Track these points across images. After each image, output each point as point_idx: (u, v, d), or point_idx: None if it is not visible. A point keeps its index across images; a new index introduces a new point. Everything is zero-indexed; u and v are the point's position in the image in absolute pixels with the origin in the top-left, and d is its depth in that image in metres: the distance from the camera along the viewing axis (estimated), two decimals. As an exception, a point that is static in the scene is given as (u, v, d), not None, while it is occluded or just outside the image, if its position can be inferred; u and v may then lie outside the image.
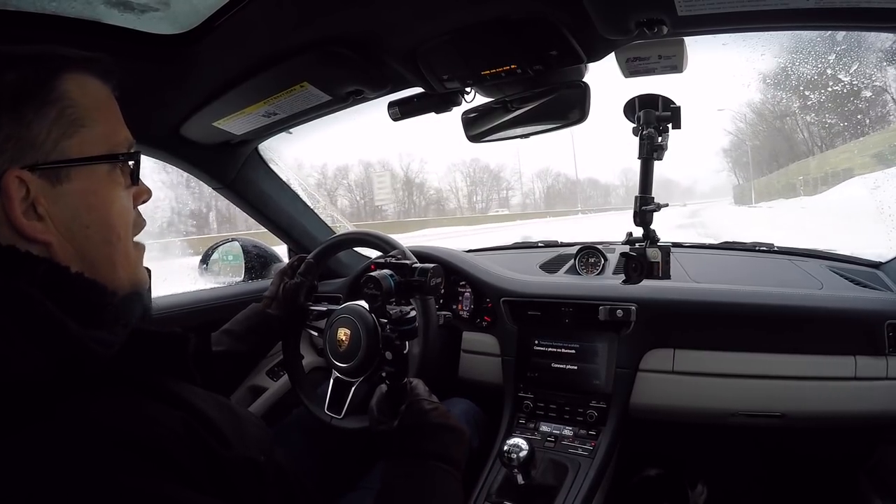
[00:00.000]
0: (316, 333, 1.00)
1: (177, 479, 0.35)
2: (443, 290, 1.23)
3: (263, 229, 1.41)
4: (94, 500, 0.31)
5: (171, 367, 0.44)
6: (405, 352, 0.66)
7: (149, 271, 0.51)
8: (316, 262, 1.00)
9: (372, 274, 0.64)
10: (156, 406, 0.38)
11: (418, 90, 0.96)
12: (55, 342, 0.36)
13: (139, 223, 0.49)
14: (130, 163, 0.47)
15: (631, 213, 0.79)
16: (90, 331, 0.38)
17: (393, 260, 0.68)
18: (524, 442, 0.84)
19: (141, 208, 0.51)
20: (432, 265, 0.66)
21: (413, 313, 0.65)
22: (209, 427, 0.42)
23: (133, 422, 0.36)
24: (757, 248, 1.29)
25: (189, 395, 0.43)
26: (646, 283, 0.82)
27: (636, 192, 0.81)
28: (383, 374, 0.65)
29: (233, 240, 1.49)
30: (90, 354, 0.37)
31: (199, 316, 1.19)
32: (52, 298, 0.37)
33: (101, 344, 0.38)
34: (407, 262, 0.68)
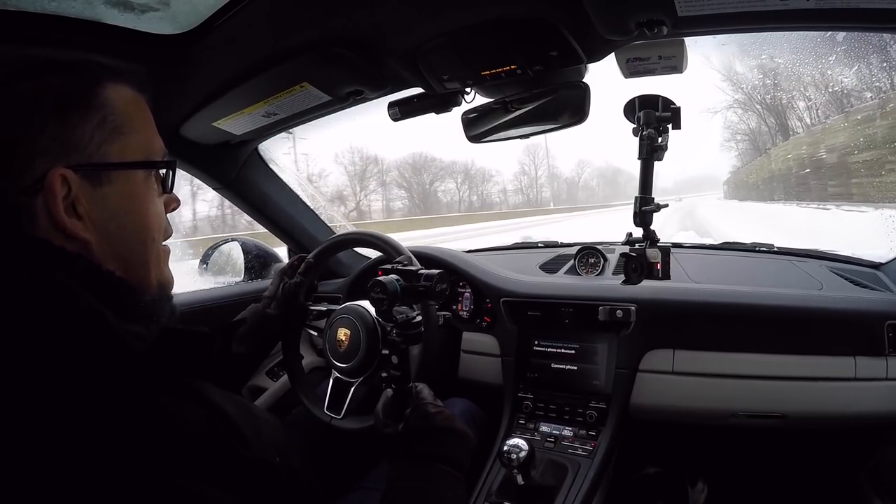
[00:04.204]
0: (316, 333, 1.00)
1: (197, 474, 0.36)
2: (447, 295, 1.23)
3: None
4: (115, 491, 0.31)
5: (195, 366, 0.45)
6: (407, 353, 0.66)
7: None
8: (316, 262, 1.00)
9: (379, 278, 0.64)
10: (180, 403, 0.40)
11: (418, 90, 0.96)
12: (93, 333, 0.37)
13: (167, 231, 0.50)
14: (163, 171, 0.49)
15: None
16: (127, 324, 0.39)
17: (399, 266, 0.69)
18: (524, 442, 0.84)
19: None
20: (438, 271, 0.67)
21: (419, 318, 0.66)
22: (230, 426, 0.43)
23: (157, 417, 0.37)
24: (757, 249, 1.29)
25: (211, 394, 0.45)
26: (645, 283, 0.82)
27: (636, 193, 0.81)
28: (385, 376, 0.66)
29: (232, 240, 1.49)
30: (127, 346, 0.38)
31: (199, 316, 1.19)
32: (91, 292, 0.38)
33: (137, 337, 0.39)
34: (413, 267, 0.69)
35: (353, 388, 0.88)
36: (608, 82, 0.85)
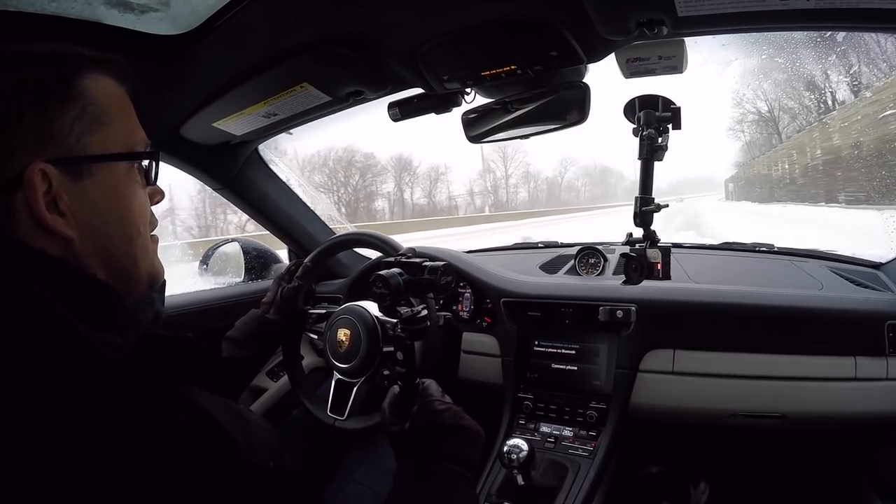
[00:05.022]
0: (316, 337, 1.00)
1: (182, 483, 0.35)
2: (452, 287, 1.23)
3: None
4: (96, 503, 0.31)
5: (181, 372, 0.44)
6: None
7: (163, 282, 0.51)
8: (313, 266, 1.00)
9: (381, 273, 0.62)
10: (164, 411, 0.39)
11: (418, 90, 0.96)
12: (62, 344, 0.35)
13: (153, 222, 0.49)
14: (145, 163, 0.47)
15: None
16: (101, 334, 0.38)
17: (403, 259, 0.67)
18: (524, 442, 0.84)
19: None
20: (442, 263, 0.64)
21: (424, 312, 0.64)
22: (218, 432, 0.42)
23: (140, 426, 0.36)
24: (757, 249, 1.29)
25: (198, 400, 0.44)
26: (646, 283, 0.82)
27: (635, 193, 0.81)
28: (387, 373, 0.64)
29: (233, 240, 1.49)
30: (99, 357, 0.36)
31: (199, 316, 1.19)
32: (63, 300, 0.37)
33: (112, 347, 0.38)
34: (417, 260, 0.66)
35: (355, 389, 0.88)
36: (596, 79, 0.84)
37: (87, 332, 0.37)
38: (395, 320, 0.63)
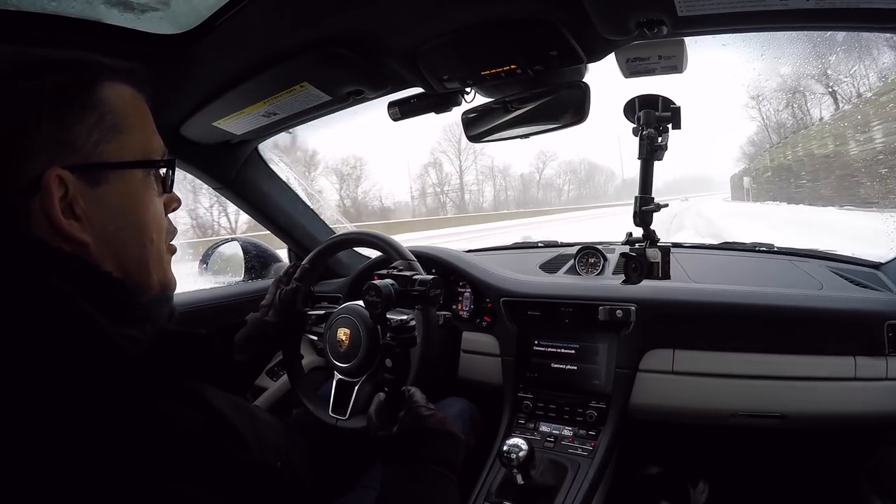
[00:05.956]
0: (316, 338, 1.01)
1: (194, 479, 0.35)
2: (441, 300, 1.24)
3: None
4: (110, 497, 0.31)
5: (194, 368, 0.45)
6: (406, 355, 0.66)
7: None
8: (312, 267, 1.00)
9: (374, 282, 0.65)
10: (177, 407, 0.39)
11: (418, 90, 0.96)
12: (83, 336, 0.36)
13: (171, 230, 0.50)
14: (162, 171, 0.48)
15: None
16: (119, 327, 0.38)
17: (395, 271, 0.70)
18: (524, 442, 0.84)
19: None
20: (432, 277, 0.67)
21: (413, 322, 0.66)
22: (228, 430, 0.43)
23: (153, 422, 0.36)
24: (757, 249, 1.29)
25: (210, 397, 0.44)
26: (645, 283, 0.82)
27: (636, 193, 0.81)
28: (384, 378, 0.66)
29: (232, 240, 1.49)
30: (119, 349, 0.37)
31: (198, 316, 1.19)
32: (83, 295, 0.38)
33: (130, 340, 0.38)
34: (408, 273, 0.69)
35: (356, 388, 0.88)
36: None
37: (108, 324, 0.37)
38: (385, 328, 0.66)
